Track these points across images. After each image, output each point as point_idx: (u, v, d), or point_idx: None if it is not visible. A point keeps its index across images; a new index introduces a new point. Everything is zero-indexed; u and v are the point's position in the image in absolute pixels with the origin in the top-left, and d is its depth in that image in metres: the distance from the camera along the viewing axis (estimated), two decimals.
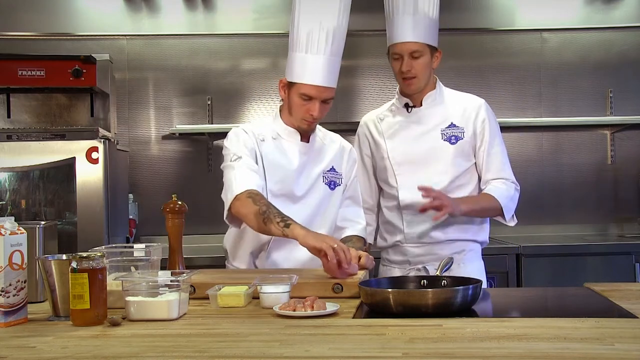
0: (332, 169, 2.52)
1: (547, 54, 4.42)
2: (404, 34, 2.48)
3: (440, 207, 2.38)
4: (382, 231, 2.69)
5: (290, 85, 2.41)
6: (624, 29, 4.40)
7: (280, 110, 2.52)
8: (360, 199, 2.61)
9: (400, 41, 2.48)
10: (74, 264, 1.71)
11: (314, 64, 2.36)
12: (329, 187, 2.49)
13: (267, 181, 2.41)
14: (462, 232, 2.57)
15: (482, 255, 2.68)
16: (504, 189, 2.55)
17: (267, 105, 4.33)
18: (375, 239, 2.73)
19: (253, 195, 2.26)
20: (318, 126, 2.57)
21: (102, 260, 1.74)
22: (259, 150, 2.43)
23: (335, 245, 2.05)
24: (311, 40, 2.37)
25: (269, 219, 2.18)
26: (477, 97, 2.64)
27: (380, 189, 2.70)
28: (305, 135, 2.49)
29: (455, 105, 2.59)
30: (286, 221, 2.17)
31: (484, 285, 2.53)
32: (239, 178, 2.33)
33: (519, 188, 2.61)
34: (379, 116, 2.67)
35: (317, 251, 2.07)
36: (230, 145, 2.43)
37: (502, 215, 2.56)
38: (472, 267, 2.56)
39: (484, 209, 2.56)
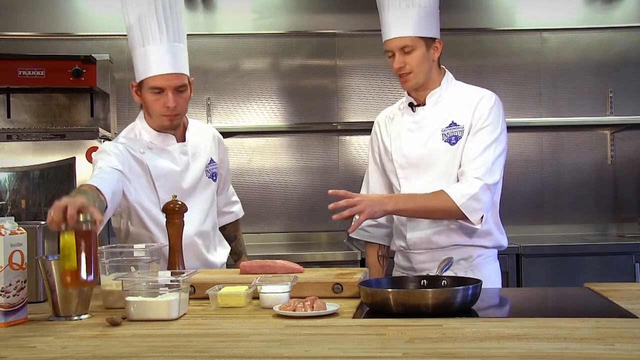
0: (212, 161, 2.55)
1: (547, 54, 4.42)
2: (391, 30, 2.39)
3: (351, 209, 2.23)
4: (393, 235, 2.59)
5: (140, 85, 2.35)
6: (624, 29, 4.40)
7: (144, 119, 2.43)
8: (230, 178, 2.71)
9: (389, 37, 2.40)
10: (62, 226, 1.67)
11: (154, 54, 2.29)
12: (212, 179, 2.54)
13: (158, 193, 2.37)
14: (467, 237, 2.42)
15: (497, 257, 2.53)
16: (464, 186, 2.30)
17: (267, 105, 4.33)
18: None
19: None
20: (189, 120, 2.53)
21: (92, 224, 1.68)
22: (142, 164, 2.35)
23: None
24: (145, 31, 2.29)
25: None
26: (483, 90, 2.46)
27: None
28: (180, 135, 2.46)
29: (459, 101, 2.43)
30: None
31: (499, 285, 2.49)
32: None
33: (490, 184, 2.30)
34: (389, 115, 2.58)
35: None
36: (97, 158, 2.28)
37: (465, 217, 2.30)
38: (482, 272, 2.38)
39: (428, 208, 2.32)
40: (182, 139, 2.46)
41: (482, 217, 2.32)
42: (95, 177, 2.12)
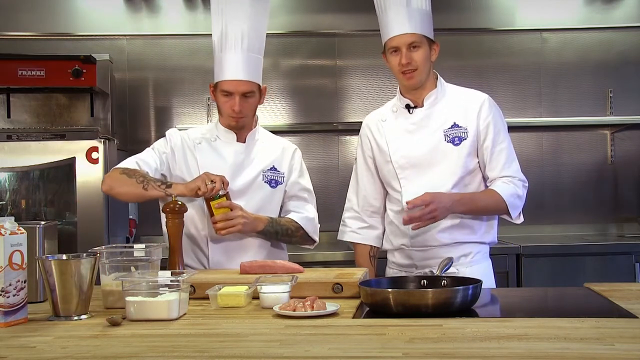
0: (273, 168, 2.61)
1: (547, 54, 4.42)
2: (400, 26, 2.42)
3: (422, 217, 2.31)
4: (387, 233, 2.61)
5: (215, 87, 2.56)
6: (624, 29, 4.40)
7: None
8: (309, 197, 2.69)
9: (397, 33, 2.42)
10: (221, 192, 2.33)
11: (228, 61, 2.50)
12: (270, 185, 2.59)
13: None
14: (469, 234, 2.48)
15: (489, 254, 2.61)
16: (510, 187, 2.46)
17: (266, 104, 4.33)
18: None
19: (127, 171, 2.42)
20: (262, 129, 2.67)
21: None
22: (192, 153, 2.56)
23: (206, 178, 2.32)
24: (225, 40, 2.51)
25: (148, 185, 2.36)
26: (480, 93, 2.54)
27: (386, 191, 2.62)
28: (242, 136, 2.59)
29: (458, 103, 2.51)
30: (166, 183, 2.39)
31: (492, 285, 2.52)
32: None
33: (527, 184, 2.52)
34: (381, 118, 2.60)
35: (194, 190, 2.32)
36: (155, 143, 2.66)
37: (508, 214, 2.47)
38: (479, 268, 2.48)
39: (485, 208, 2.47)
40: (243, 140, 2.60)
41: (520, 213, 2.51)
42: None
